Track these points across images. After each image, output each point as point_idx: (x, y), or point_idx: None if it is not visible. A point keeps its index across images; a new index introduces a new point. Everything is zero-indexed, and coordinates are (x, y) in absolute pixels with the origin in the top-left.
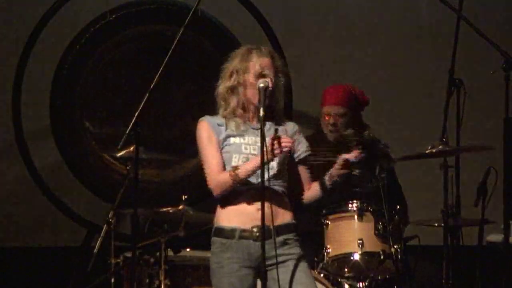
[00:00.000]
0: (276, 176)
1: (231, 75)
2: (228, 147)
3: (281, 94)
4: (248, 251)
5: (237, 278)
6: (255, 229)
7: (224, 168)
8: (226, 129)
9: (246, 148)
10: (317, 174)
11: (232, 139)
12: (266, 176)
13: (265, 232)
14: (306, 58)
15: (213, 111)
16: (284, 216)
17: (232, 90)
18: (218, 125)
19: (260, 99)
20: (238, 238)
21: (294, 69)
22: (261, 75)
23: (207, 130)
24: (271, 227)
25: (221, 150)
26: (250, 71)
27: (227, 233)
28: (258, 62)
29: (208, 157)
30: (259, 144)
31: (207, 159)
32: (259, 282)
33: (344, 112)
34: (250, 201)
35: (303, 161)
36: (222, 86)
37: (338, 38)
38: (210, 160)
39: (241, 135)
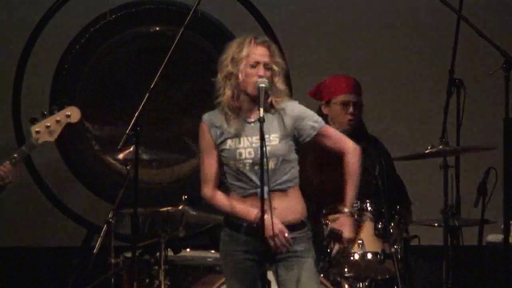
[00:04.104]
0: (277, 176)
1: (227, 65)
2: (225, 152)
3: (280, 78)
4: (253, 246)
5: (240, 269)
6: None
7: (215, 180)
8: (223, 131)
9: (241, 154)
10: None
11: (228, 142)
12: (265, 180)
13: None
14: (306, 58)
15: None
16: (290, 215)
17: (228, 79)
18: (216, 126)
19: (259, 99)
20: (244, 233)
21: (294, 69)
22: (255, 64)
23: (204, 133)
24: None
25: (219, 151)
26: (244, 60)
27: (234, 226)
28: (252, 51)
29: (202, 164)
30: (254, 145)
31: (202, 166)
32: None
33: (360, 103)
34: (258, 200)
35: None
36: (219, 76)
37: (337, 38)
38: (204, 168)
39: (237, 136)
